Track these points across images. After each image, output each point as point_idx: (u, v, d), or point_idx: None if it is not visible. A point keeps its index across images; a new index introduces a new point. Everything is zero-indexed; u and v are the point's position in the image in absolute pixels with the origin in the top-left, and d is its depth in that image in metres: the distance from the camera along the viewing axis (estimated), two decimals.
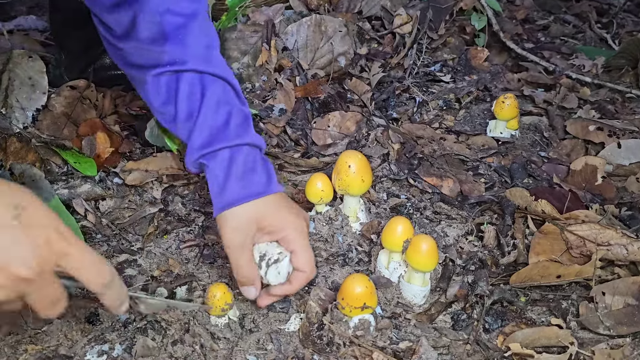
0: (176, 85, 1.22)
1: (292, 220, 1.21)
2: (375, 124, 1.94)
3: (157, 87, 1.24)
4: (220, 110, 1.22)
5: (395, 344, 1.22)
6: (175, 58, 1.21)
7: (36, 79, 1.71)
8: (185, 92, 1.22)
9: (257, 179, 1.21)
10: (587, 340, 1.25)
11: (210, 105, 1.22)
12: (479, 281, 1.36)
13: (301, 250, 1.20)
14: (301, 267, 1.20)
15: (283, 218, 1.20)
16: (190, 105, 1.22)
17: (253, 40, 2.03)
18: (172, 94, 1.23)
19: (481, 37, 2.40)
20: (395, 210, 1.61)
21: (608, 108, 2.05)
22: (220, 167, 1.19)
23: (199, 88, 1.22)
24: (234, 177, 1.19)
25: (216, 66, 1.26)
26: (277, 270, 1.20)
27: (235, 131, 1.22)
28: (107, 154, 1.65)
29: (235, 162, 1.20)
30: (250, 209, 1.18)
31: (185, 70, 1.22)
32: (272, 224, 1.19)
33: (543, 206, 1.49)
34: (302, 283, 1.22)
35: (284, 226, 1.19)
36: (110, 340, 1.20)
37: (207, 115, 1.21)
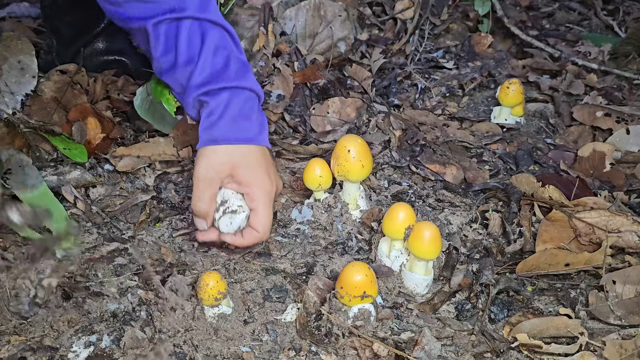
0: (176, 32, 1.26)
1: (263, 180, 1.25)
2: (376, 111, 1.89)
3: (157, 35, 1.27)
4: (219, 55, 1.26)
5: (397, 335, 1.16)
6: (174, 6, 1.25)
7: (25, 62, 1.65)
8: (185, 37, 1.25)
9: (248, 126, 1.26)
10: (598, 330, 1.19)
11: (210, 49, 1.25)
12: (484, 270, 1.30)
13: (261, 211, 1.25)
14: (256, 227, 1.25)
15: (255, 174, 1.25)
16: (190, 50, 1.26)
17: (250, 25, 1.97)
18: (172, 41, 1.27)
19: (485, 23, 2.34)
20: (397, 198, 1.55)
21: (615, 95, 1.99)
22: (217, 106, 1.24)
23: (198, 34, 1.26)
24: (227, 118, 1.24)
25: (214, 14, 1.29)
26: (230, 220, 1.23)
27: (235, 74, 1.26)
28: (98, 140, 1.60)
29: (232, 104, 1.25)
30: (230, 152, 1.23)
31: (184, 18, 1.25)
32: (243, 175, 1.24)
33: (550, 192, 1.43)
34: (252, 241, 1.26)
35: (253, 182, 1.24)
36: (98, 331, 1.15)
37: (207, 58, 1.25)
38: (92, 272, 1.29)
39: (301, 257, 1.36)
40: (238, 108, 1.25)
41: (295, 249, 1.38)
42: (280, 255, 1.36)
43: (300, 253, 1.37)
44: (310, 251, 1.38)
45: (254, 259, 1.34)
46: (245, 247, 1.30)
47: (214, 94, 1.25)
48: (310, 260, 1.35)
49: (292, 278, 1.30)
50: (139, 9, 1.26)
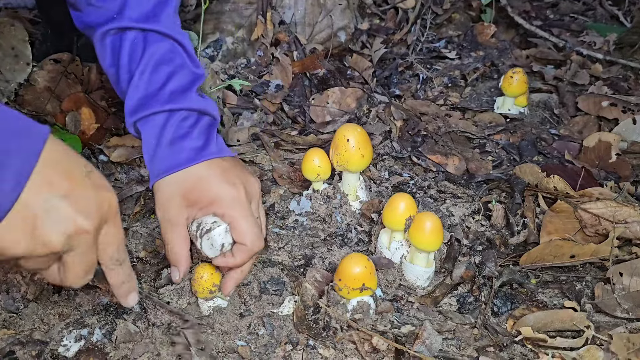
0: (119, 44, 1.11)
1: (224, 190, 1.05)
2: (377, 101, 1.85)
3: (103, 47, 1.13)
4: (160, 72, 1.10)
5: (397, 328, 1.13)
6: (116, 14, 1.10)
7: (19, 49, 1.62)
8: (126, 51, 1.10)
9: (188, 145, 1.08)
10: (604, 323, 1.15)
11: (147, 66, 1.10)
12: (487, 262, 1.27)
13: (239, 221, 1.04)
14: (241, 240, 1.05)
15: (211, 189, 1.06)
16: (130, 65, 1.10)
17: (248, 13, 1.93)
18: (116, 54, 1.11)
19: (488, 13, 2.30)
20: (398, 189, 1.52)
21: (621, 85, 1.94)
22: (152, 133, 1.09)
23: (140, 47, 1.10)
24: (164, 144, 1.08)
25: (164, 24, 1.12)
26: (210, 241, 1.04)
27: (170, 95, 1.09)
28: (93, 130, 1.57)
29: (166, 127, 1.08)
30: (177, 180, 1.06)
31: (128, 28, 1.10)
32: (200, 196, 1.06)
33: (555, 183, 1.39)
34: (244, 257, 1.06)
35: (213, 198, 1.05)
36: (89, 325, 1.12)
37: (143, 77, 1.09)
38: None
39: (299, 249, 1.33)
40: (173, 130, 1.08)
41: (293, 241, 1.35)
42: (277, 247, 1.33)
43: (298, 245, 1.34)
44: (308, 243, 1.34)
45: None
46: (242, 264, 1.09)
47: (147, 121, 1.09)
48: (308, 252, 1.31)
49: (289, 270, 1.26)
50: (93, 15, 1.12)
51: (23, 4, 2.50)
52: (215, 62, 1.88)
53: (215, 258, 1.08)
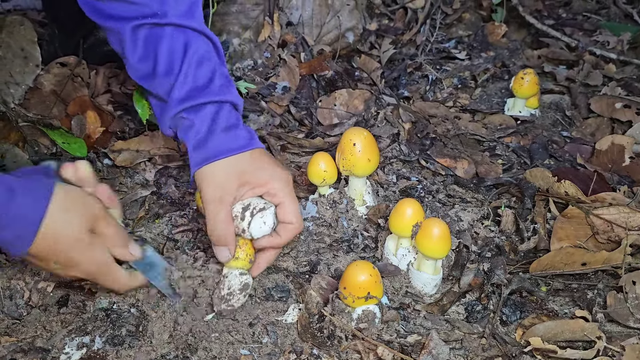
0: (156, 39, 1.16)
1: (277, 172, 1.15)
2: (385, 103, 1.82)
3: (135, 40, 1.17)
4: (204, 68, 1.16)
5: (403, 338, 1.11)
6: (156, 10, 1.15)
7: (29, 50, 1.61)
8: (166, 46, 1.15)
9: (241, 133, 1.16)
10: (616, 334, 1.13)
11: (193, 61, 1.16)
12: (496, 269, 1.24)
13: (288, 202, 1.14)
14: (289, 219, 1.14)
15: (266, 171, 1.15)
16: (171, 60, 1.15)
17: (255, 14, 1.91)
18: (152, 48, 1.16)
19: (499, 12, 2.26)
20: (405, 193, 1.49)
21: (635, 85, 1.91)
22: (204, 121, 1.14)
23: (181, 43, 1.16)
24: (219, 130, 1.14)
25: (198, 21, 1.19)
26: (263, 219, 1.11)
27: (219, 88, 1.17)
28: (98, 133, 1.56)
29: (219, 117, 1.15)
30: (232, 163, 1.12)
31: (166, 24, 1.15)
32: (255, 177, 1.13)
33: (566, 187, 1.36)
34: (290, 236, 1.16)
35: (268, 179, 1.14)
36: (91, 332, 1.10)
37: (190, 71, 1.15)
38: None
39: (305, 255, 1.31)
40: (225, 119, 1.15)
41: (299, 247, 1.33)
42: (283, 253, 1.31)
43: (303, 251, 1.32)
44: (314, 249, 1.32)
45: None
46: (285, 244, 1.18)
47: (198, 110, 1.14)
48: (314, 259, 1.30)
49: (294, 277, 1.24)
50: (120, 8, 1.16)
51: (32, 6, 2.51)
52: None
53: (261, 238, 1.14)
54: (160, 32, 1.15)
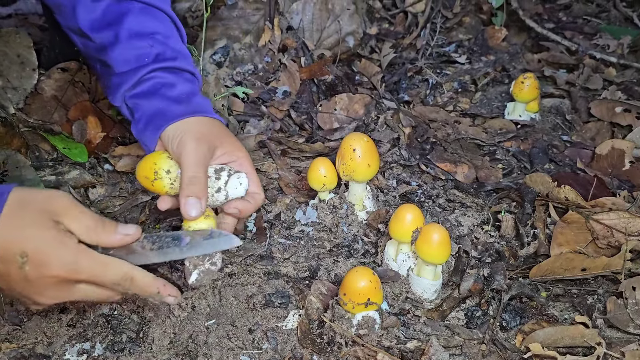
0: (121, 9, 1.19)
1: (241, 144, 1.18)
2: (385, 107, 1.83)
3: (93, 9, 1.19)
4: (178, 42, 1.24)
5: (403, 344, 1.11)
6: None
7: (25, 56, 1.61)
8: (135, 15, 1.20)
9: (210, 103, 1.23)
10: (616, 340, 1.13)
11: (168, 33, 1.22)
12: (496, 274, 1.24)
13: (253, 172, 1.17)
14: (256, 189, 1.16)
15: (235, 140, 1.18)
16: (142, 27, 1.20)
17: (255, 19, 1.92)
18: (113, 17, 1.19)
19: (499, 16, 2.27)
20: (406, 198, 1.50)
21: (635, 89, 1.91)
22: (185, 82, 1.19)
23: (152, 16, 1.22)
24: (198, 93, 1.20)
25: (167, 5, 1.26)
26: (239, 180, 1.11)
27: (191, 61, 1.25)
28: (99, 139, 1.56)
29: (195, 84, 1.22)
30: (214, 123, 1.16)
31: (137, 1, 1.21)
32: (229, 142, 1.15)
33: (566, 192, 1.37)
34: (257, 205, 1.17)
35: (238, 147, 1.16)
36: (91, 338, 1.11)
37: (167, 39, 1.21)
38: None
39: (305, 261, 1.31)
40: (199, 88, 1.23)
41: (299, 252, 1.33)
42: (283, 258, 1.31)
43: (304, 256, 1.32)
44: (314, 254, 1.33)
45: (255, 262, 1.30)
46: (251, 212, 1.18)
47: (177, 73, 1.19)
48: (314, 264, 1.30)
49: (294, 282, 1.25)
50: None
51: (34, 10, 2.51)
52: (223, 68, 1.87)
53: (235, 201, 1.12)
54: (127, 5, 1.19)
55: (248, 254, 1.31)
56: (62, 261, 0.89)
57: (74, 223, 0.92)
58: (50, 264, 0.89)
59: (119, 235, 0.96)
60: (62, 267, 0.89)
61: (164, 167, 1.08)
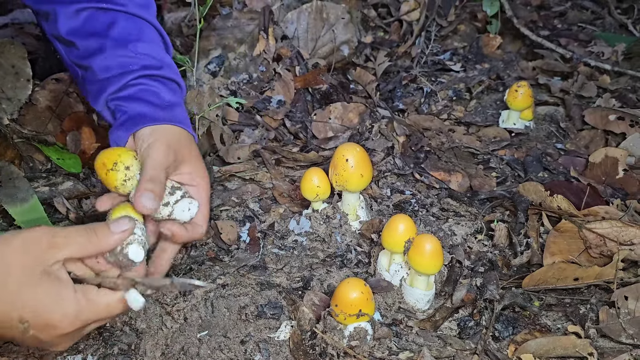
0: (107, 18, 1.20)
1: (207, 174, 1.16)
2: (380, 116, 1.83)
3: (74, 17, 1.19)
4: (162, 51, 1.25)
5: (395, 355, 1.11)
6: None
7: (19, 67, 1.61)
8: (122, 25, 1.20)
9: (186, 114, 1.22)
10: (608, 349, 1.12)
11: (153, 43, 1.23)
12: (489, 284, 1.24)
13: (206, 206, 1.14)
14: (200, 221, 1.12)
15: (203, 167, 1.16)
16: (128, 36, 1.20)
17: (250, 29, 1.92)
18: (98, 25, 1.19)
19: (494, 24, 2.28)
20: (399, 207, 1.50)
21: (629, 97, 1.91)
22: (168, 92, 1.19)
23: (138, 26, 1.22)
24: (181, 104, 1.20)
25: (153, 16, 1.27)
26: (189, 206, 1.08)
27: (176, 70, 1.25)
28: (93, 149, 1.56)
29: (179, 94, 1.22)
30: (189, 139, 1.16)
31: (120, 11, 1.21)
32: (196, 164, 1.14)
33: (559, 202, 1.37)
34: (197, 237, 1.12)
35: (202, 174, 1.14)
36: (83, 351, 1.11)
37: (151, 49, 1.21)
38: None
39: (298, 271, 1.31)
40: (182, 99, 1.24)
41: (292, 262, 1.33)
42: (276, 268, 1.32)
43: (297, 266, 1.32)
44: (307, 264, 1.33)
45: (248, 273, 1.30)
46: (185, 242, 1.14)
47: (162, 82, 1.19)
48: (307, 274, 1.30)
49: (287, 293, 1.25)
50: None
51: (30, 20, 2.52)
52: (217, 77, 1.88)
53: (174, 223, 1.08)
54: (113, 15, 1.20)
55: (241, 265, 1.31)
56: (67, 318, 0.87)
57: (65, 251, 0.88)
58: (55, 324, 0.86)
59: (117, 235, 0.94)
60: (69, 324, 0.87)
61: (126, 163, 1.05)
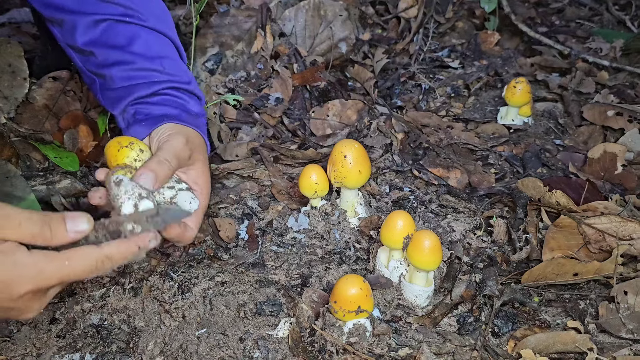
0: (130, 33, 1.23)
1: (209, 184, 1.18)
2: (378, 113, 1.83)
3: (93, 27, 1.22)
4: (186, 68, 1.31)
5: (394, 351, 1.10)
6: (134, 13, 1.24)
7: (16, 65, 1.61)
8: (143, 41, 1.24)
9: None
10: (608, 344, 1.12)
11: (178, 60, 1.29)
12: (488, 280, 1.24)
13: (201, 212, 1.14)
14: (192, 224, 1.11)
15: (208, 176, 1.18)
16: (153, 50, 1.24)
17: (247, 26, 1.92)
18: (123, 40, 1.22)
19: (492, 21, 2.27)
20: (398, 204, 1.49)
21: (628, 92, 1.91)
22: (194, 103, 1.26)
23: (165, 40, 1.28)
24: (204, 116, 1.27)
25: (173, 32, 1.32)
26: (191, 200, 1.09)
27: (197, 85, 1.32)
28: (90, 147, 1.55)
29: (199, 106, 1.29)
30: (205, 148, 1.20)
31: (144, 26, 1.25)
32: (203, 171, 1.16)
33: (558, 197, 1.36)
34: (184, 238, 1.08)
35: (205, 181, 1.16)
36: (81, 349, 1.10)
37: (179, 66, 1.27)
38: (79, 285, 1.24)
39: (297, 268, 1.31)
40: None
41: (291, 259, 1.33)
42: (274, 265, 1.31)
43: (295, 263, 1.32)
44: (306, 261, 1.32)
45: (247, 270, 1.29)
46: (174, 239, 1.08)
47: (188, 94, 1.26)
48: (305, 271, 1.29)
49: (286, 290, 1.24)
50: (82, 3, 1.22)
51: (27, 19, 2.51)
52: (215, 75, 1.87)
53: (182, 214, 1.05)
54: (134, 28, 1.23)
55: (240, 262, 1.31)
56: (24, 279, 0.84)
57: (16, 234, 0.84)
58: (13, 287, 0.83)
59: (71, 234, 0.89)
60: (27, 284, 0.84)
61: (141, 146, 1.08)
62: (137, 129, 1.17)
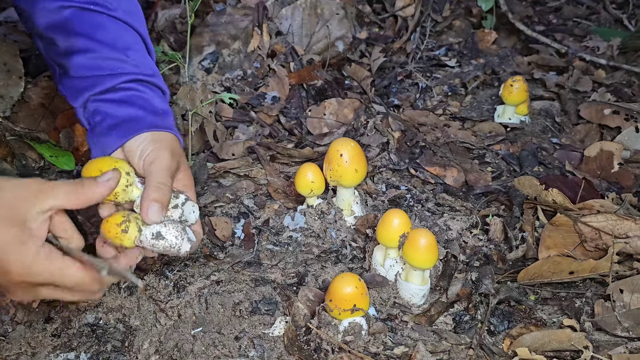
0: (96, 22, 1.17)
1: (193, 183, 1.15)
2: (375, 112, 1.82)
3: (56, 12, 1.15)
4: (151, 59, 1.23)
5: (390, 350, 1.10)
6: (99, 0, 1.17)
7: (11, 64, 1.60)
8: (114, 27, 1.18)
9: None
10: (604, 343, 1.12)
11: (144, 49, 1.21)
12: (484, 278, 1.24)
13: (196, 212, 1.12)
14: (197, 227, 1.11)
15: (191, 176, 1.15)
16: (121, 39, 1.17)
17: (244, 25, 1.92)
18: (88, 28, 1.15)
19: (489, 19, 2.27)
20: (395, 203, 1.49)
21: (624, 91, 1.91)
22: (161, 99, 1.18)
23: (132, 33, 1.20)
24: (170, 112, 1.18)
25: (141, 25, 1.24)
26: (193, 208, 1.09)
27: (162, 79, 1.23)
28: (86, 146, 1.55)
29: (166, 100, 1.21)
30: (181, 149, 1.14)
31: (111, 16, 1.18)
32: (186, 173, 1.13)
33: (554, 196, 1.36)
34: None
35: (191, 183, 1.13)
36: (76, 348, 1.10)
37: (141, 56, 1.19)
38: None
39: (292, 267, 1.30)
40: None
41: (287, 258, 1.33)
42: (270, 264, 1.31)
43: (291, 262, 1.32)
44: (302, 260, 1.32)
45: (243, 269, 1.29)
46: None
47: (151, 88, 1.17)
48: (301, 270, 1.29)
49: (282, 289, 1.24)
50: None
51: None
52: (212, 74, 1.87)
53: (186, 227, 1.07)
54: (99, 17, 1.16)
55: (236, 261, 1.31)
56: (20, 265, 0.86)
57: (51, 199, 0.89)
58: (10, 270, 0.86)
59: (102, 185, 0.95)
60: (19, 272, 0.87)
61: (125, 168, 1.02)
62: (106, 141, 1.11)
